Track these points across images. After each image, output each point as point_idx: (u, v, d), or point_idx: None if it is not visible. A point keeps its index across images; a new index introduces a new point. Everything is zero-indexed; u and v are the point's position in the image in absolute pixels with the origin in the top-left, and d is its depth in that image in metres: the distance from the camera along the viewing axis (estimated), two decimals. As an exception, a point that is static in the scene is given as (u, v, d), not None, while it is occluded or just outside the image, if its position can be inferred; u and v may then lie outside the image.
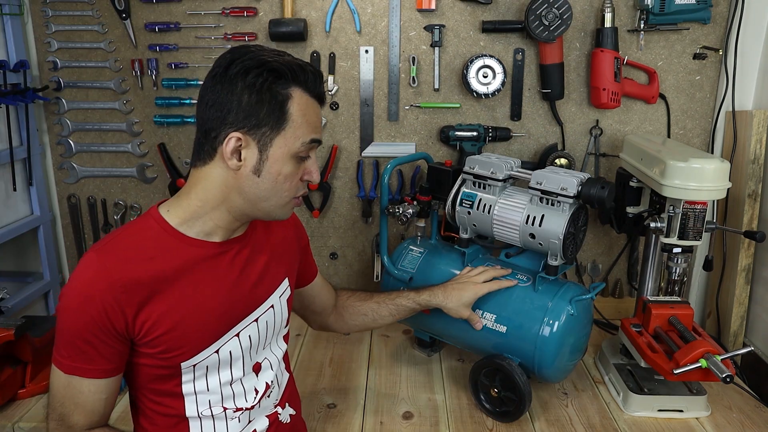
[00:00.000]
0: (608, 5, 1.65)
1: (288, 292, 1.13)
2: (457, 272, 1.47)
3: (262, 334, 1.06)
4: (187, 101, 1.79)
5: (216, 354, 0.98)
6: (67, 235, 1.94)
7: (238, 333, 1.01)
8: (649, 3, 1.62)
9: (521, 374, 1.33)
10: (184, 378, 0.97)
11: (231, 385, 1.02)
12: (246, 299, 1.02)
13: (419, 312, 1.38)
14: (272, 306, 1.08)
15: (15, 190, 1.73)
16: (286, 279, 1.12)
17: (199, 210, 0.96)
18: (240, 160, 0.92)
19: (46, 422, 0.95)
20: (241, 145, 0.91)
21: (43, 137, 1.86)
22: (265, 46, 0.94)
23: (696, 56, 1.72)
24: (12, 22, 1.69)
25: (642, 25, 1.67)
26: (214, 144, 0.93)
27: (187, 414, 0.99)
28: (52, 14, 1.76)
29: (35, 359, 1.47)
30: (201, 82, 1.77)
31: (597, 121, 1.78)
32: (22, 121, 1.75)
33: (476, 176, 1.46)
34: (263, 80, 0.90)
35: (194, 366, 0.96)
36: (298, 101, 0.92)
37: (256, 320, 1.04)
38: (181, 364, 0.95)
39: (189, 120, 1.81)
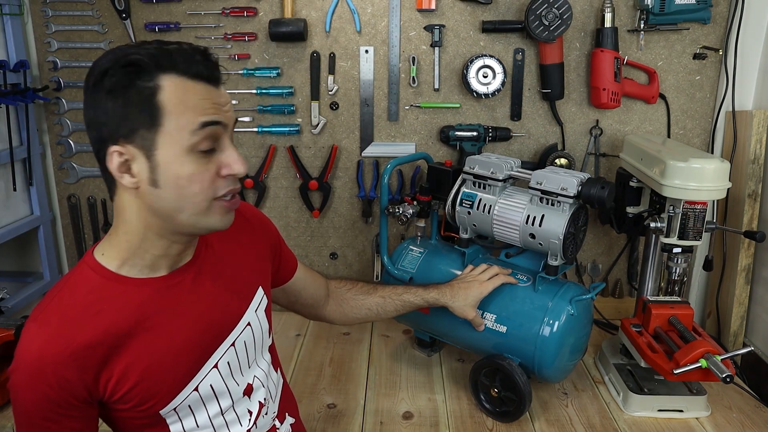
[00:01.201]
0: (608, 5, 1.65)
1: (264, 302, 1.03)
2: (458, 272, 1.47)
3: (242, 356, 0.96)
4: (187, 101, 1.79)
5: (196, 391, 0.90)
6: (67, 235, 1.94)
7: (216, 363, 0.92)
8: (649, 3, 1.62)
9: (521, 374, 1.33)
10: (169, 420, 0.89)
11: (222, 415, 0.94)
12: (216, 326, 0.92)
13: (418, 311, 1.37)
14: (249, 323, 0.98)
15: (15, 190, 1.73)
16: (260, 288, 1.02)
17: (130, 246, 0.85)
18: (132, 176, 0.80)
19: None
20: (126, 158, 0.79)
21: (43, 137, 1.86)
22: (137, 42, 0.83)
23: (696, 56, 1.72)
24: (12, 22, 1.69)
25: (642, 25, 1.67)
26: (106, 167, 0.81)
27: None
28: (52, 14, 1.76)
29: (35, 359, 1.46)
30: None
31: (597, 121, 1.78)
32: (22, 121, 1.75)
33: (476, 176, 1.46)
34: (122, 78, 0.77)
35: (175, 409, 0.88)
36: (171, 89, 0.77)
37: (233, 344, 0.94)
38: (160, 411, 0.87)
39: (189, 120, 1.81)
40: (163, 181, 0.79)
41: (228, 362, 0.94)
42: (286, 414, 1.09)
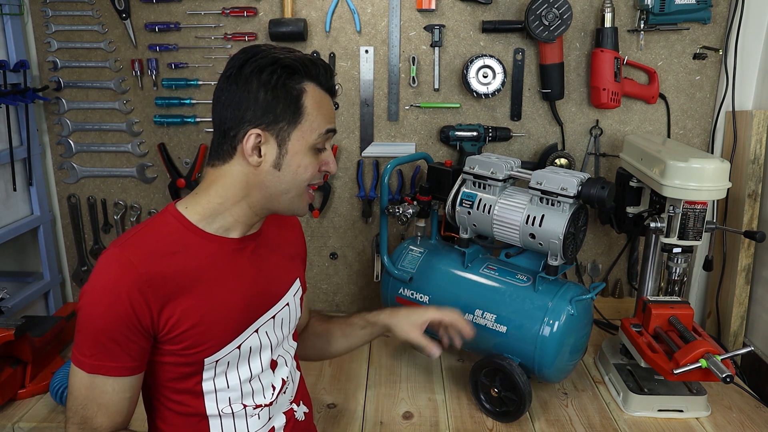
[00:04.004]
0: (608, 5, 1.65)
1: (300, 292, 1.15)
2: (457, 272, 1.48)
3: (278, 331, 1.07)
4: (187, 101, 1.79)
5: (237, 349, 0.99)
6: (67, 235, 1.94)
7: (258, 329, 1.02)
8: (649, 3, 1.62)
9: (521, 374, 1.33)
10: (204, 375, 0.97)
11: (250, 381, 1.03)
12: (264, 295, 1.04)
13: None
14: (287, 304, 1.09)
15: (15, 190, 1.73)
16: (298, 279, 1.14)
17: (219, 207, 0.97)
18: (260, 156, 0.95)
19: (64, 427, 0.92)
20: (260, 141, 0.94)
21: (43, 137, 1.86)
22: (276, 45, 0.98)
23: (696, 56, 1.72)
24: (12, 22, 1.69)
25: (642, 25, 1.67)
26: (233, 142, 0.95)
27: (208, 412, 0.99)
28: (52, 14, 1.75)
29: (35, 359, 1.47)
30: (201, 82, 1.78)
31: (597, 121, 1.78)
32: (22, 121, 1.75)
33: (476, 176, 1.46)
34: (277, 77, 0.93)
35: (216, 362, 0.97)
36: (312, 95, 0.95)
37: (273, 317, 1.06)
38: (205, 359, 0.95)
39: (189, 120, 1.81)
40: (285, 166, 0.96)
41: (267, 332, 1.04)
42: (301, 402, 1.16)
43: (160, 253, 0.91)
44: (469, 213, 1.47)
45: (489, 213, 1.43)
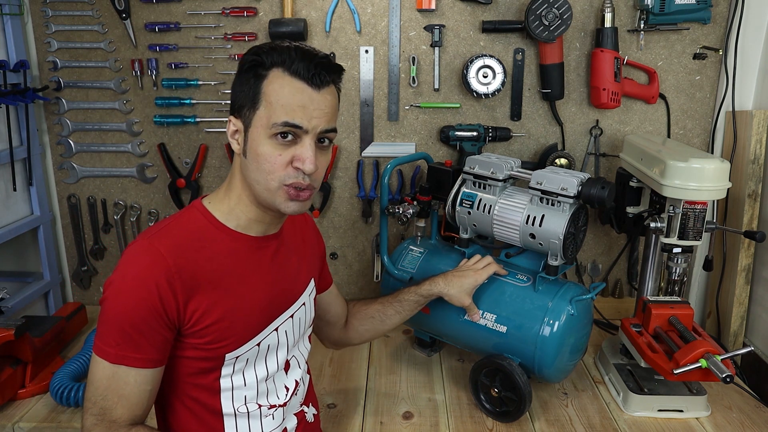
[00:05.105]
0: (608, 5, 1.65)
1: (314, 293, 1.17)
2: (457, 272, 1.47)
3: (296, 330, 1.09)
4: (187, 101, 1.79)
5: (257, 347, 1.00)
6: (67, 235, 1.94)
7: (277, 327, 1.04)
8: (649, 3, 1.62)
9: (521, 374, 1.33)
10: (223, 371, 0.98)
11: (266, 381, 1.04)
12: (284, 294, 1.06)
13: (419, 311, 1.37)
14: (304, 303, 1.11)
15: (15, 190, 1.73)
16: (312, 279, 1.16)
17: (230, 202, 0.99)
18: (238, 143, 0.96)
19: (81, 418, 0.92)
20: (236, 129, 0.96)
21: (43, 137, 1.86)
22: (292, 43, 0.95)
23: (696, 56, 1.72)
24: (12, 22, 1.69)
25: (642, 25, 1.68)
26: None
27: (224, 411, 1.00)
28: (52, 14, 1.75)
29: (35, 359, 1.47)
30: (201, 82, 1.78)
31: (597, 121, 1.79)
32: (22, 121, 1.75)
33: (476, 176, 1.46)
34: (247, 63, 0.93)
35: (236, 358, 0.98)
36: (274, 80, 0.91)
37: (292, 316, 1.07)
38: (226, 355, 0.96)
39: (189, 120, 1.81)
40: (249, 154, 0.94)
41: (285, 330, 1.06)
42: (310, 404, 1.18)
43: (188, 247, 0.93)
44: (469, 213, 1.47)
45: (489, 213, 1.43)
